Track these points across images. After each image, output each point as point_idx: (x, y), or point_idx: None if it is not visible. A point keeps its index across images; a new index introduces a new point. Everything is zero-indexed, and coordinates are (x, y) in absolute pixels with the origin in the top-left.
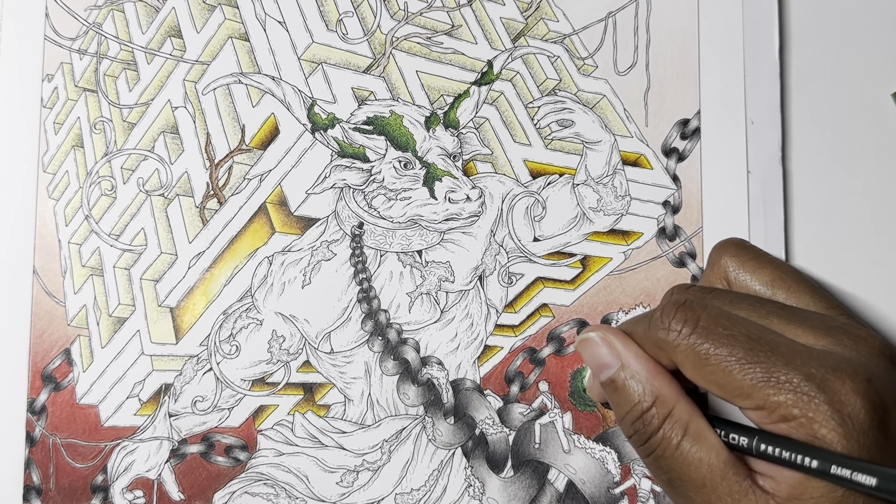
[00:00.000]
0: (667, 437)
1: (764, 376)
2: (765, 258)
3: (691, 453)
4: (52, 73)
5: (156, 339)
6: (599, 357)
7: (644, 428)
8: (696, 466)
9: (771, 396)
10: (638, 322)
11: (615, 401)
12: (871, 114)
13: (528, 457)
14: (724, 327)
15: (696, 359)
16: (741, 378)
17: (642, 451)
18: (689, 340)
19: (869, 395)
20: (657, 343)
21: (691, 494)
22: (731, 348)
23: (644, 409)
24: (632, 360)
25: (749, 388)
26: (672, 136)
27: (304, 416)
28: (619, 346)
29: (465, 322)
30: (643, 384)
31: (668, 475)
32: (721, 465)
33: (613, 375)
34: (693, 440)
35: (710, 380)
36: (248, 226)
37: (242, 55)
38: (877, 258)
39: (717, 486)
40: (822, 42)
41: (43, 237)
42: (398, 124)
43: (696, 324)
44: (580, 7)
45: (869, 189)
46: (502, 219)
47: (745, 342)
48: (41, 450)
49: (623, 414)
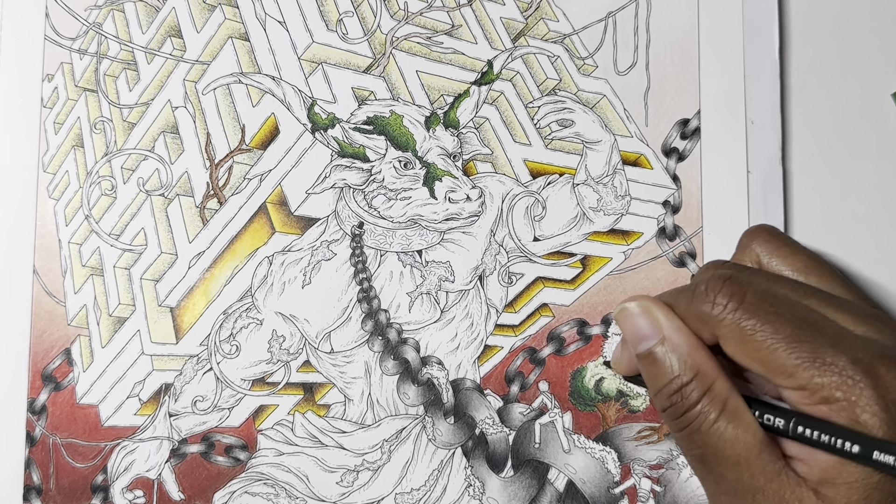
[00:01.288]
0: (704, 412)
1: (809, 357)
2: (797, 245)
3: (728, 430)
4: (52, 73)
5: (156, 338)
6: (638, 328)
7: (682, 402)
8: (732, 443)
9: (815, 377)
10: (680, 294)
11: (652, 373)
12: (871, 114)
13: (528, 456)
14: (771, 304)
15: (741, 335)
16: (786, 357)
17: (676, 424)
18: (734, 315)
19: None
20: (700, 316)
21: (724, 472)
22: (777, 326)
23: (684, 382)
24: (674, 333)
25: (793, 367)
26: (672, 136)
27: (304, 415)
28: (661, 318)
29: (465, 322)
30: (684, 357)
31: (701, 450)
32: (757, 444)
33: (653, 347)
34: (730, 418)
35: (753, 356)
36: (249, 226)
37: (242, 55)
38: (877, 258)
39: (752, 465)
40: (822, 42)
41: (43, 237)
42: (398, 124)
43: (742, 299)
44: (580, 7)
45: (869, 189)
46: (502, 219)
47: (793, 321)
48: (41, 450)
49: (660, 387)
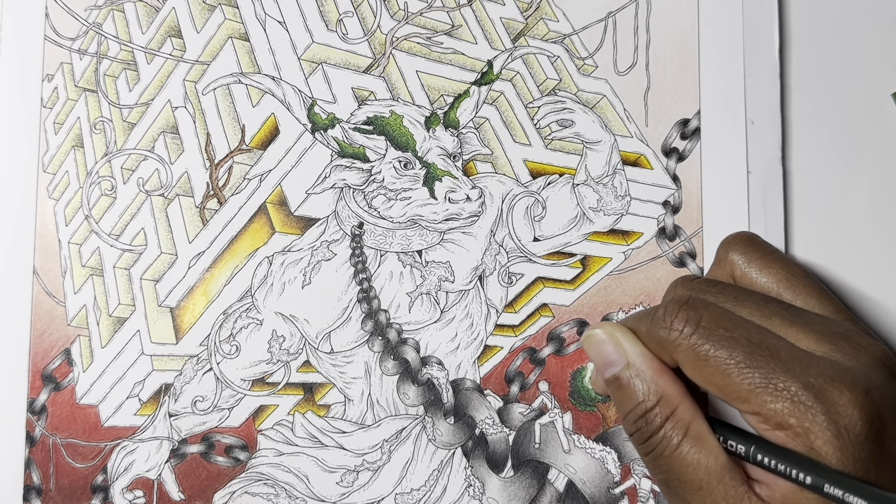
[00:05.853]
0: (667, 437)
1: (762, 382)
2: (773, 256)
3: (690, 455)
4: (52, 73)
5: (156, 339)
6: (605, 354)
7: (646, 427)
8: (694, 468)
9: (768, 403)
10: (641, 319)
11: (618, 398)
12: (871, 114)
13: (528, 457)
14: (726, 329)
15: (696, 359)
16: (739, 382)
17: (642, 449)
18: (690, 341)
19: (866, 408)
20: (659, 341)
21: (687, 496)
22: (731, 351)
23: (647, 407)
24: (637, 359)
25: (747, 392)
26: (672, 136)
27: (304, 416)
28: (624, 344)
29: (465, 322)
30: (647, 383)
31: (665, 475)
32: (719, 468)
33: (618, 373)
34: (693, 442)
35: (709, 381)
36: (248, 226)
37: (242, 55)
38: (877, 258)
39: (714, 490)
40: (822, 42)
41: (43, 237)
42: (398, 124)
43: (697, 324)
44: (580, 7)
45: (869, 189)
46: (502, 219)
47: (746, 345)
48: (41, 450)
49: (626, 412)
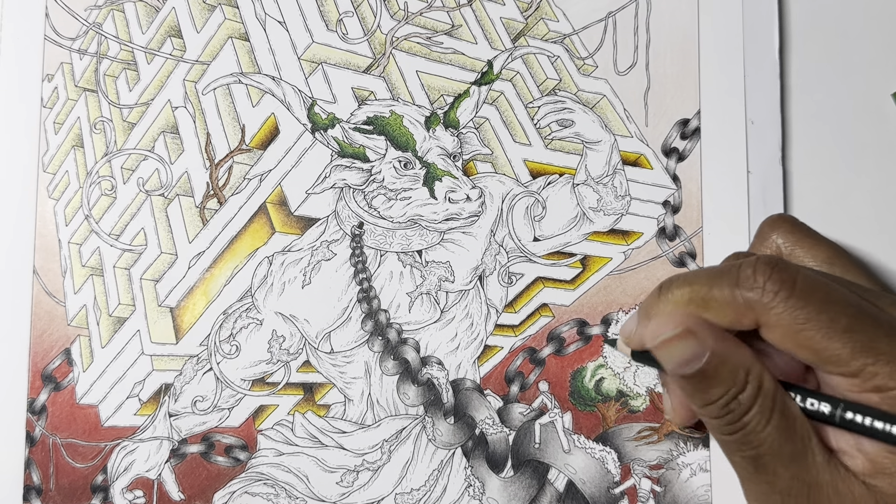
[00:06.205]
0: (761, 413)
1: (865, 346)
2: (819, 236)
3: (782, 426)
4: (52, 73)
5: (156, 338)
6: (687, 352)
7: (739, 408)
8: (788, 439)
9: (869, 365)
10: (720, 278)
11: (703, 389)
12: (871, 114)
13: (528, 457)
14: (825, 292)
15: (793, 322)
16: (841, 345)
17: (732, 428)
18: (787, 303)
19: None
20: (748, 303)
21: (780, 469)
22: (833, 314)
23: (739, 390)
24: (718, 343)
25: (848, 355)
26: (672, 136)
27: (304, 415)
28: (703, 334)
29: (465, 322)
30: (734, 365)
31: (756, 450)
32: (808, 436)
33: (704, 366)
34: (781, 413)
35: (805, 345)
36: (248, 226)
37: (242, 55)
38: (877, 258)
39: (806, 459)
40: (822, 42)
41: (43, 237)
42: (398, 124)
43: (793, 286)
44: (580, 7)
45: (869, 189)
46: (502, 219)
47: (847, 309)
48: (41, 450)
49: (714, 399)
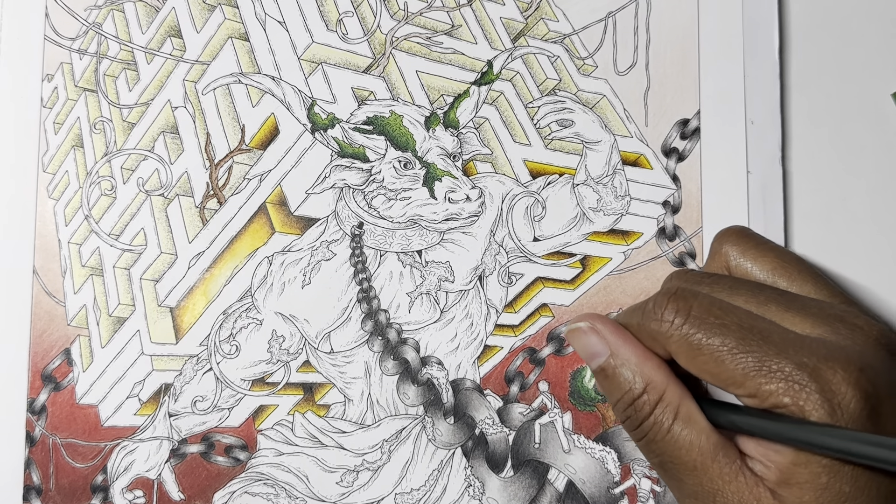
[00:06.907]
0: (658, 422)
1: (756, 365)
2: (766, 246)
3: (682, 436)
4: (52, 73)
5: (156, 339)
6: (589, 346)
7: (636, 414)
8: (687, 449)
9: (763, 385)
10: (632, 313)
11: (606, 388)
12: (871, 114)
13: (528, 457)
14: (717, 316)
15: (689, 349)
16: (733, 367)
17: (634, 435)
18: (681, 331)
19: (861, 385)
20: (651, 334)
21: (682, 477)
22: (723, 338)
23: (636, 395)
24: (621, 347)
25: (741, 376)
26: (672, 136)
27: (304, 415)
28: (607, 334)
29: (464, 322)
30: (633, 370)
31: (659, 458)
32: (711, 447)
33: (604, 363)
34: (683, 424)
35: (703, 369)
36: (248, 226)
37: (242, 55)
38: (877, 258)
39: (708, 468)
40: (822, 42)
41: (43, 237)
42: (398, 124)
43: (687, 314)
44: (580, 7)
45: (869, 189)
46: (502, 219)
47: (737, 331)
48: (41, 450)
49: (615, 401)
